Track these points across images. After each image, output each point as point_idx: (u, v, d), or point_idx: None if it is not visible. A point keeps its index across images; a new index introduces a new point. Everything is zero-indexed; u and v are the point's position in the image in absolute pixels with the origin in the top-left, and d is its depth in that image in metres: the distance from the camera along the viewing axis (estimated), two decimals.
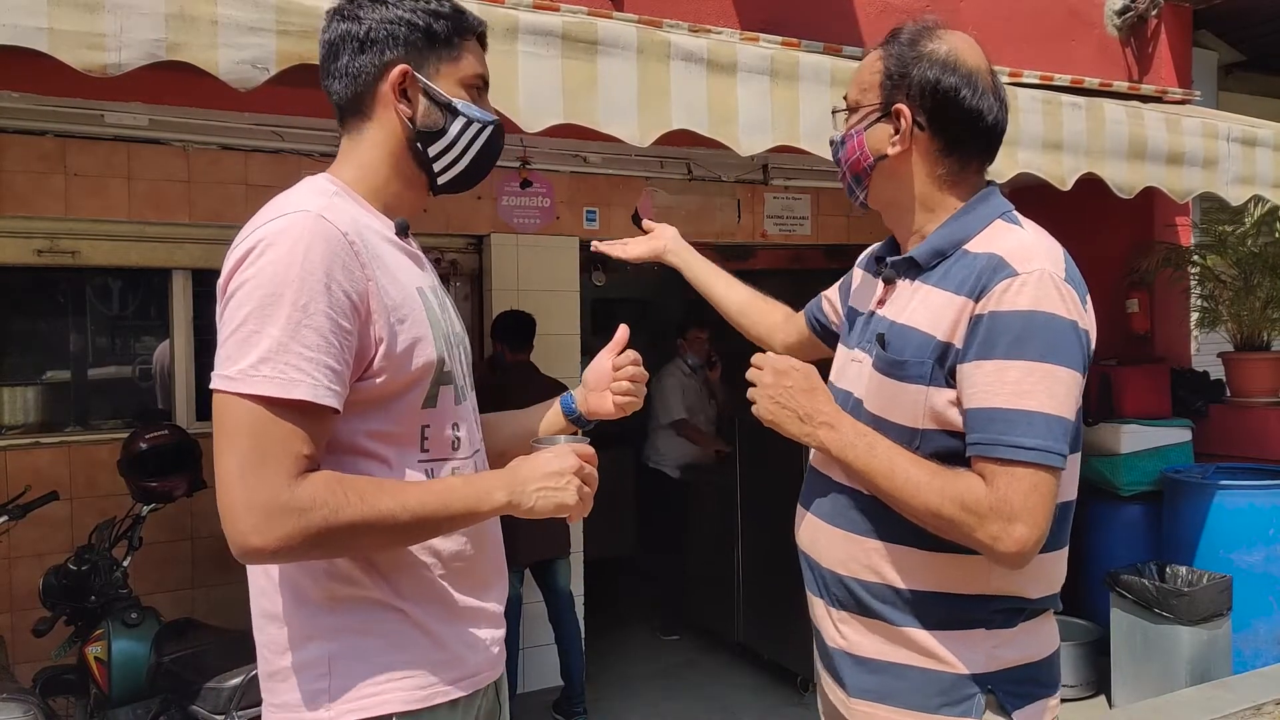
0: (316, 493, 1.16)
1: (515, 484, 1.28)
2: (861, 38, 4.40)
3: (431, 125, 1.37)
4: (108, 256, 3.94)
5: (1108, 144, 3.45)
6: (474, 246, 4.69)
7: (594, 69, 2.50)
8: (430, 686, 1.31)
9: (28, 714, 2.46)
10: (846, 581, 1.49)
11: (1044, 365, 1.30)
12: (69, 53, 1.89)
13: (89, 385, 4.13)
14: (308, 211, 1.22)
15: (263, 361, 1.15)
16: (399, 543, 1.27)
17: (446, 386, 1.36)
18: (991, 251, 1.39)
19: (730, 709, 4.45)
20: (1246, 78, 6.37)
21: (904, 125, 1.47)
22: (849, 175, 1.56)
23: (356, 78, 1.35)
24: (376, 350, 1.25)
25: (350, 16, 1.36)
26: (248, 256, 1.19)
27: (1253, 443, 4.77)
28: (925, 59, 1.46)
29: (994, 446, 1.30)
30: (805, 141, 2.83)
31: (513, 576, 4.12)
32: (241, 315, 1.17)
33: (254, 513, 1.13)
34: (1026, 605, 1.44)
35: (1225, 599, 3.84)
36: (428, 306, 1.35)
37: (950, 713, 1.40)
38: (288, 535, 1.14)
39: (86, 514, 3.57)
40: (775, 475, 4.52)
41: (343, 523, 1.16)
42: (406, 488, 1.25)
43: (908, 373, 1.40)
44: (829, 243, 5.38)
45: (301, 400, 1.16)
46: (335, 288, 1.20)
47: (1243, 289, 4.93)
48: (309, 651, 1.28)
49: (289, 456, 1.15)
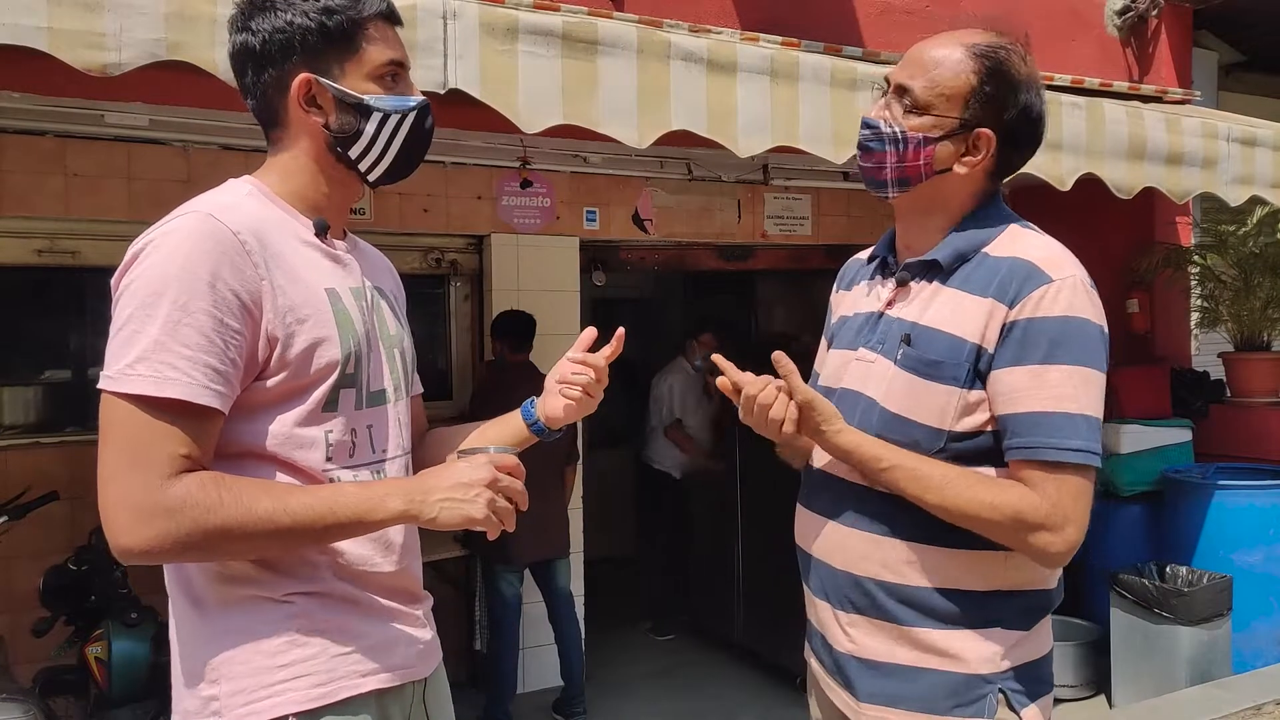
0: (189, 493, 1.14)
1: (416, 493, 1.23)
2: (862, 38, 4.40)
3: (345, 129, 1.32)
4: (108, 256, 3.93)
5: (1107, 144, 3.45)
6: (474, 246, 4.69)
7: (594, 69, 2.50)
8: (332, 683, 1.26)
9: (28, 714, 2.46)
10: (862, 582, 1.46)
11: (1081, 369, 1.34)
12: (69, 52, 1.89)
13: (89, 385, 4.12)
14: (198, 212, 1.21)
15: (139, 360, 1.15)
16: (280, 547, 1.23)
17: (349, 389, 1.31)
18: (1019, 257, 1.40)
19: (730, 709, 4.45)
20: (1246, 78, 6.37)
21: (985, 150, 1.45)
22: (896, 175, 1.48)
23: (264, 93, 1.32)
24: (271, 351, 1.23)
25: (244, 28, 1.31)
26: (136, 259, 1.20)
27: (1253, 443, 4.77)
28: (1024, 87, 1.45)
29: (1041, 450, 1.32)
30: (804, 142, 2.83)
31: (513, 576, 4.12)
32: (125, 315, 1.18)
33: (126, 512, 1.13)
34: (1045, 599, 1.45)
35: (1225, 599, 3.84)
36: (336, 307, 1.31)
37: (963, 713, 1.40)
38: (158, 536, 1.12)
39: (86, 514, 3.55)
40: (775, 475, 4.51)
41: (215, 524, 1.14)
42: (292, 490, 1.21)
43: (943, 373, 1.39)
44: (829, 243, 5.38)
45: (177, 399, 1.14)
46: (221, 286, 1.18)
47: (1243, 289, 4.93)
48: (199, 657, 1.25)
49: (163, 456, 1.14)
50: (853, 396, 1.52)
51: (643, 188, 4.87)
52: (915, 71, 1.47)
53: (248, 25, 1.31)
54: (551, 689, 4.40)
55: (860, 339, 1.55)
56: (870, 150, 1.50)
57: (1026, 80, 1.46)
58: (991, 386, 1.37)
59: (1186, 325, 5.34)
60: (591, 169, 4.69)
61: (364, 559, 1.32)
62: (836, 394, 1.55)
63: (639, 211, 4.85)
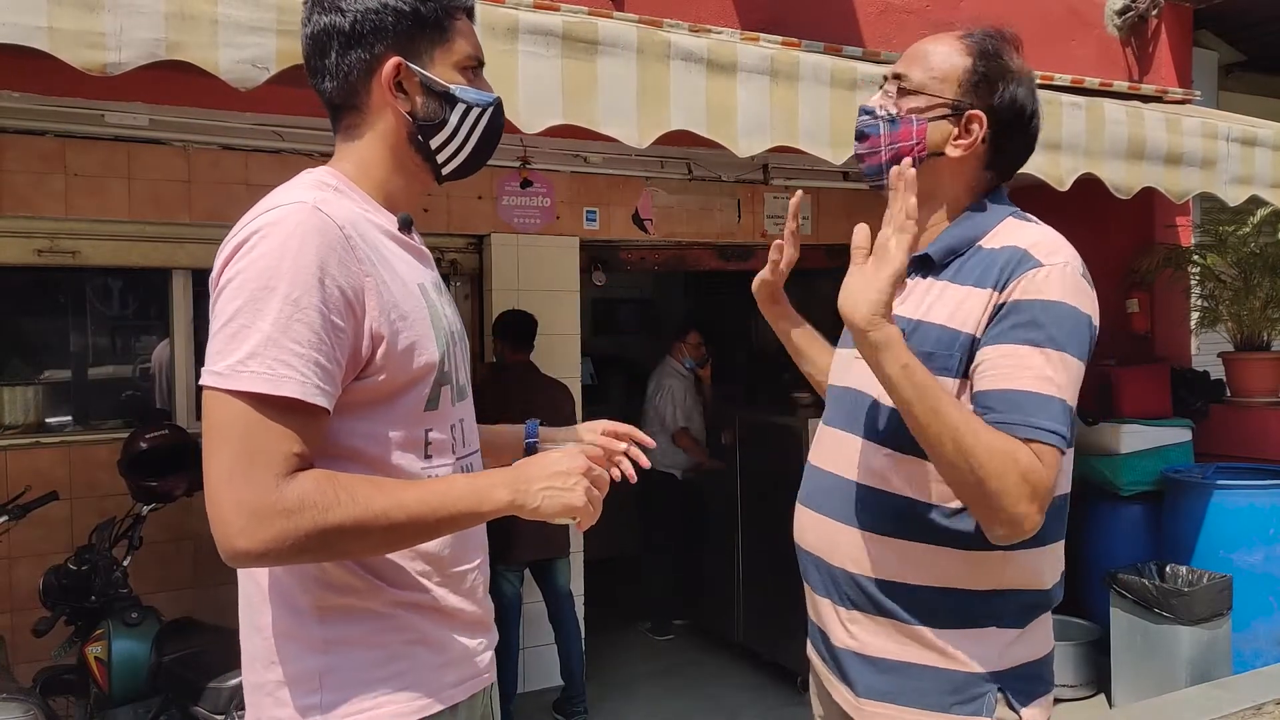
0: (306, 492, 1.11)
1: (520, 482, 1.22)
2: (862, 38, 4.41)
3: (431, 117, 1.30)
4: (108, 256, 3.94)
5: (1107, 144, 3.45)
6: (474, 246, 4.69)
7: (594, 69, 2.50)
8: (426, 698, 1.26)
9: (28, 714, 2.46)
10: (859, 579, 1.47)
11: (1062, 354, 1.33)
12: (69, 52, 1.89)
13: (89, 385, 4.13)
14: (303, 203, 1.17)
15: (251, 357, 1.10)
16: (396, 545, 1.22)
17: (447, 386, 1.31)
18: (1013, 245, 1.40)
19: (730, 709, 4.45)
20: (1246, 78, 6.37)
21: (976, 133, 1.46)
22: (890, 156, 1.48)
23: (348, 75, 1.28)
24: (375, 349, 1.20)
25: (332, 8, 1.28)
26: (240, 249, 1.15)
27: (1253, 443, 4.77)
28: (1015, 77, 1.47)
29: (1016, 427, 1.30)
30: (804, 142, 2.83)
31: (513, 576, 4.12)
32: (232, 309, 1.13)
33: (241, 514, 1.09)
34: (1042, 598, 1.45)
35: (1225, 599, 3.84)
36: (429, 304, 1.31)
37: (962, 711, 1.40)
38: (275, 537, 1.09)
39: (86, 514, 3.56)
40: (775, 474, 4.52)
41: (333, 524, 1.11)
42: (404, 486, 1.19)
43: (934, 364, 1.38)
44: (829, 243, 5.38)
45: (291, 398, 1.11)
46: (329, 282, 1.15)
47: (1243, 289, 4.93)
48: (299, 665, 1.22)
49: (278, 456, 1.10)
50: (854, 395, 1.54)
51: (643, 188, 4.87)
52: (910, 62, 1.52)
53: (337, 5, 1.27)
54: (552, 688, 4.41)
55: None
56: (866, 135, 1.53)
57: (1019, 70, 1.49)
58: (974, 363, 1.37)
59: (1186, 325, 5.34)
60: (591, 169, 4.69)
61: (449, 559, 1.31)
62: (841, 392, 1.58)
63: (639, 211, 4.85)
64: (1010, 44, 1.50)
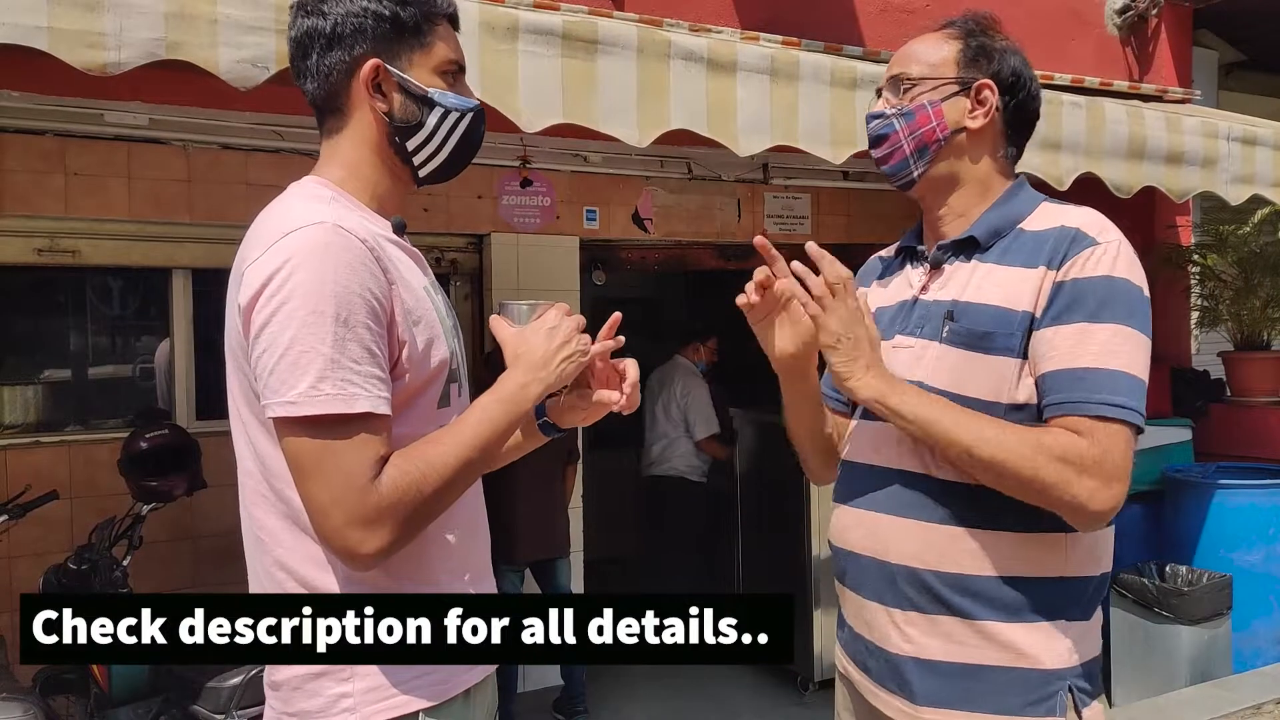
0: (395, 482, 1.18)
1: (537, 369, 1.33)
2: (862, 37, 4.40)
3: (409, 119, 1.34)
4: (108, 256, 3.94)
5: (1107, 144, 3.45)
6: (474, 246, 4.69)
7: (594, 68, 2.50)
8: (450, 679, 1.30)
9: (28, 714, 2.46)
10: (922, 575, 1.40)
11: (1127, 329, 1.31)
12: (69, 51, 1.89)
13: (89, 385, 4.13)
14: (324, 223, 1.20)
15: (321, 380, 1.16)
16: (472, 479, 1.30)
17: (455, 384, 1.37)
18: (1061, 225, 1.40)
19: (730, 708, 4.45)
20: (1246, 77, 6.38)
21: (990, 100, 1.48)
22: (914, 146, 1.49)
23: (328, 76, 1.33)
24: (400, 353, 1.26)
25: (314, 11, 1.32)
26: (274, 277, 1.18)
27: (1253, 442, 4.77)
28: (1006, 48, 1.50)
29: (1086, 404, 1.28)
30: (804, 141, 2.83)
31: (513, 576, 4.11)
32: (287, 338, 1.16)
33: (356, 527, 1.16)
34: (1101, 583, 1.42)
35: (1225, 599, 3.84)
36: (435, 305, 1.36)
37: (1034, 712, 1.34)
38: (390, 531, 1.17)
39: (86, 514, 3.56)
40: (774, 474, 4.52)
41: (429, 493, 1.20)
42: (451, 430, 1.27)
43: (995, 344, 1.37)
44: (829, 242, 5.34)
45: (365, 413, 1.18)
46: (369, 296, 1.20)
47: (1243, 289, 4.93)
48: None
49: (366, 465, 1.17)
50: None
51: (643, 187, 4.87)
52: (904, 61, 1.54)
53: (319, 9, 1.32)
54: (552, 688, 4.40)
55: (895, 328, 1.53)
56: (883, 137, 1.53)
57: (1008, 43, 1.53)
58: (1034, 347, 1.35)
59: (1187, 325, 5.34)
60: (591, 168, 4.69)
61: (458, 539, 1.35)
62: None
63: (639, 211, 4.85)
64: (991, 22, 1.53)
